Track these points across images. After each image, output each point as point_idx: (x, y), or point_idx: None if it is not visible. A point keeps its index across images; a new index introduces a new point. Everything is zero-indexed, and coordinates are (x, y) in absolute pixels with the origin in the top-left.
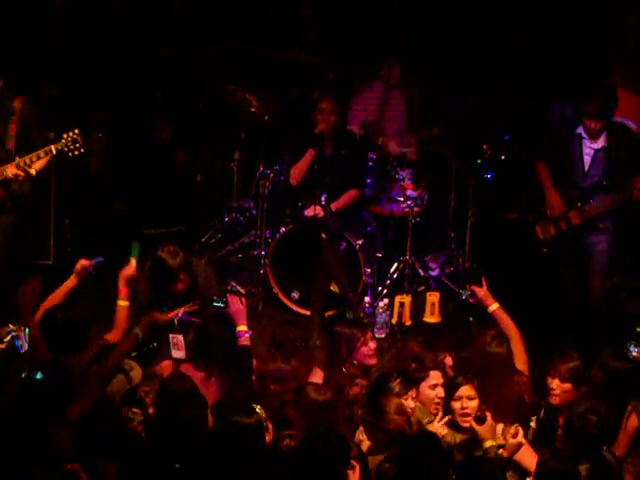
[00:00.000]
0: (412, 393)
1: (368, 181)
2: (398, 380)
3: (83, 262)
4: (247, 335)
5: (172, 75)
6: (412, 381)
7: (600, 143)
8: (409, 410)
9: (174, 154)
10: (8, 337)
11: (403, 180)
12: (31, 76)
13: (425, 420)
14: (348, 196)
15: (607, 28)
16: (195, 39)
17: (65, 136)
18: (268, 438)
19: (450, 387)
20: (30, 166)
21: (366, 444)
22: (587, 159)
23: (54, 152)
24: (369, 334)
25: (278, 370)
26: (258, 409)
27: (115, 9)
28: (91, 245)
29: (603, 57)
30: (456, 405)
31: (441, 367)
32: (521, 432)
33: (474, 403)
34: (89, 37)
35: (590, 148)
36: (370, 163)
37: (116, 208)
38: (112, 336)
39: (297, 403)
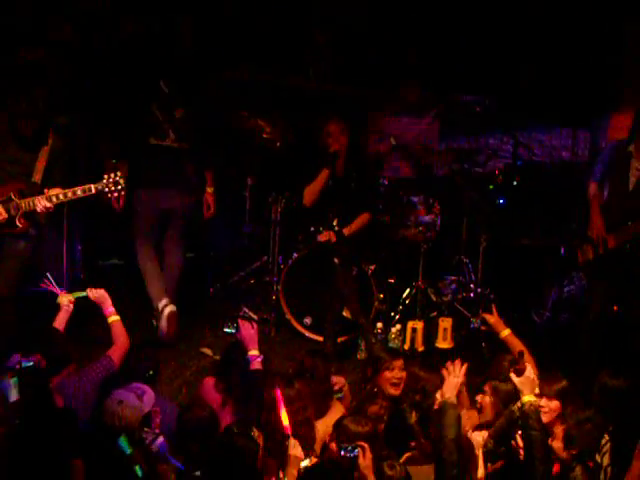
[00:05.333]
0: None
1: (380, 206)
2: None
3: (64, 296)
4: (259, 359)
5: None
6: (425, 410)
7: None
8: None
9: None
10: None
11: (415, 205)
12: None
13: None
14: (360, 220)
15: (619, 49)
16: (207, 67)
17: (106, 177)
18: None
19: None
20: (62, 201)
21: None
22: (632, 179)
23: (93, 192)
24: (399, 363)
25: (283, 396)
26: (255, 433)
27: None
28: (104, 271)
29: (615, 83)
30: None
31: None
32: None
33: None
34: (96, 68)
35: (637, 170)
36: (382, 188)
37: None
38: (115, 351)
39: (339, 438)
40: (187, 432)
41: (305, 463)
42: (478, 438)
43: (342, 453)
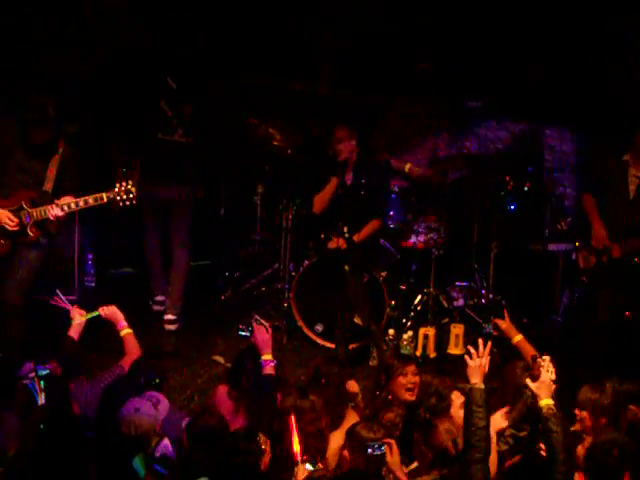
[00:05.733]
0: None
1: (391, 213)
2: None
3: (76, 311)
4: (272, 364)
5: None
6: (440, 413)
7: None
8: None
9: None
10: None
11: (426, 212)
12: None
13: None
14: (370, 227)
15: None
16: (219, 74)
17: (118, 185)
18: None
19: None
20: (73, 209)
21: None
22: (632, 187)
23: (105, 200)
24: (412, 368)
25: (295, 407)
26: (261, 438)
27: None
28: (115, 279)
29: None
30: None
31: None
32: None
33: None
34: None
35: (635, 177)
36: (393, 195)
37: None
38: (127, 361)
39: (351, 445)
40: (196, 439)
41: (309, 467)
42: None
43: (369, 451)
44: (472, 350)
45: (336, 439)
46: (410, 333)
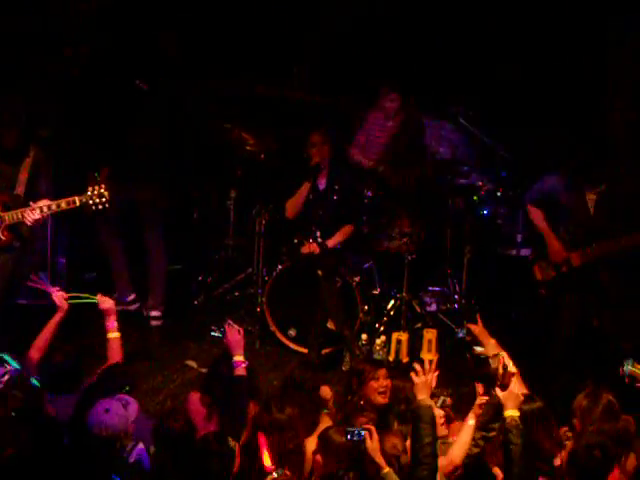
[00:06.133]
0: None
1: (364, 218)
2: (396, 423)
3: (58, 294)
4: (243, 365)
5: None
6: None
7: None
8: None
9: None
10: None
11: (399, 217)
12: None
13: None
14: (343, 232)
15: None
16: (191, 77)
17: (90, 189)
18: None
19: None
20: (46, 213)
21: None
22: (590, 197)
23: (77, 204)
24: (383, 372)
25: (274, 421)
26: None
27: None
28: (87, 283)
29: (600, 88)
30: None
31: (445, 409)
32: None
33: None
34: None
35: (595, 194)
36: (366, 200)
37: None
38: None
39: (324, 449)
40: (163, 444)
41: (275, 475)
42: None
43: (348, 437)
44: (418, 367)
45: (310, 445)
46: (383, 338)
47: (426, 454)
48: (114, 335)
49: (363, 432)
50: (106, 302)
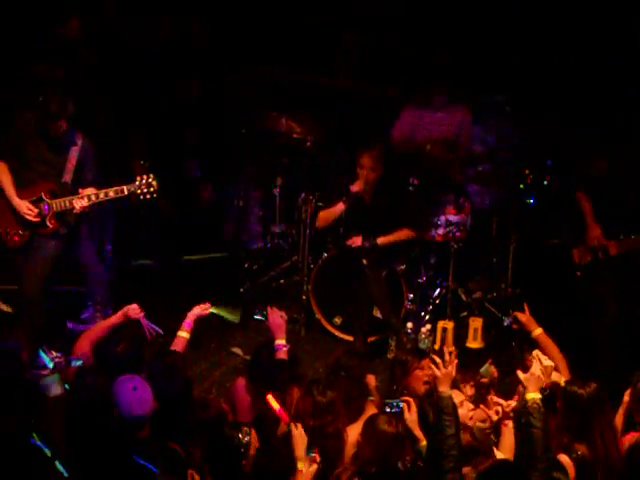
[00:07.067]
0: None
1: (410, 207)
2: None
3: (136, 311)
4: (285, 349)
5: (204, 110)
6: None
7: None
8: None
9: (199, 192)
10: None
11: (445, 205)
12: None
13: None
14: (399, 234)
15: None
16: (240, 66)
17: (139, 179)
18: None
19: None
20: (94, 202)
21: None
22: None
23: (126, 193)
24: (427, 361)
25: (315, 404)
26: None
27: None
28: (132, 271)
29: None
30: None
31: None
32: None
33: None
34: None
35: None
36: (411, 188)
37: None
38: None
39: (367, 435)
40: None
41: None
42: None
43: (387, 409)
44: (438, 360)
45: (353, 432)
46: (428, 326)
47: (450, 446)
48: (184, 334)
49: (402, 404)
50: (203, 308)
